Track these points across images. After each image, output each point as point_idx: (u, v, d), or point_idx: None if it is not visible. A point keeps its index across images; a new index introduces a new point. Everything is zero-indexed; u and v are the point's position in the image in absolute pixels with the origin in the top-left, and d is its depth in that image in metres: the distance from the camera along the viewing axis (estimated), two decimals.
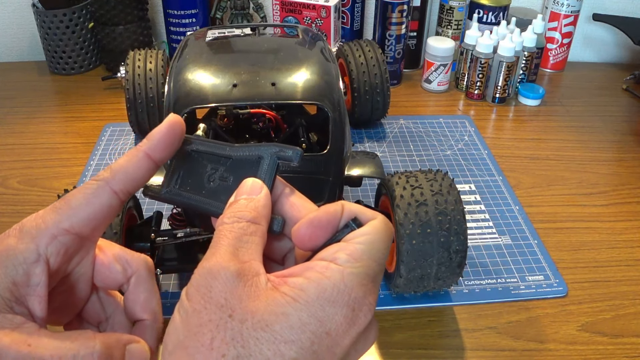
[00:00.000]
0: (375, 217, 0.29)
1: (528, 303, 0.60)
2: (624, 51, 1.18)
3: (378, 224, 0.29)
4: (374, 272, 0.28)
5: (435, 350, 0.55)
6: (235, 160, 0.32)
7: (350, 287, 0.26)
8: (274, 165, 0.31)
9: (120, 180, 0.30)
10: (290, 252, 0.32)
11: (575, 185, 0.79)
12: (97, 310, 0.33)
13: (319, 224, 0.29)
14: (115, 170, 0.30)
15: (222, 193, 0.31)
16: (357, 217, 0.29)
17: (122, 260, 0.32)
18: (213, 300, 0.25)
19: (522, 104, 0.99)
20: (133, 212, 0.57)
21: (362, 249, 0.27)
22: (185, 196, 0.32)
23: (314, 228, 0.29)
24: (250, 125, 0.64)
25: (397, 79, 1.04)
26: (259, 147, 0.31)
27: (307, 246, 0.29)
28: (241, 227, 0.28)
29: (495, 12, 1.01)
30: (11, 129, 0.89)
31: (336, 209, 0.29)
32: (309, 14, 0.99)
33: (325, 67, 0.59)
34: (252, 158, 0.31)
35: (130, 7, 0.99)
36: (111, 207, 0.30)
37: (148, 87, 0.78)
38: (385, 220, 0.29)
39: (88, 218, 0.29)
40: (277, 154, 0.31)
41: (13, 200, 0.73)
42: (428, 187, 0.53)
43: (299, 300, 0.25)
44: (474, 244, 0.67)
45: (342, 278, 0.26)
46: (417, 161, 0.82)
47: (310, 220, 0.29)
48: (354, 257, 0.27)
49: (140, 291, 0.32)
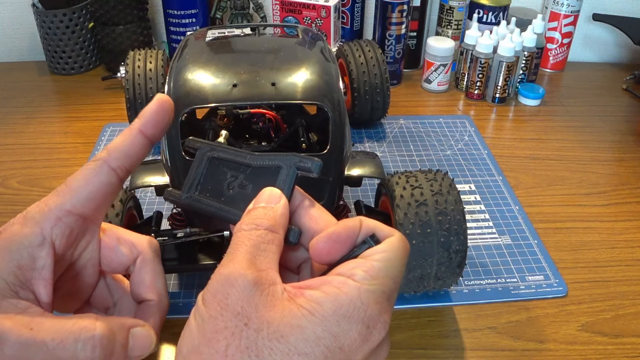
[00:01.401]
0: (392, 234, 0.30)
1: (528, 303, 0.60)
2: (624, 51, 1.18)
3: (395, 242, 0.29)
4: (390, 290, 0.28)
5: (435, 350, 0.55)
6: (255, 168, 0.32)
7: (366, 304, 0.26)
8: (293, 175, 0.31)
9: (117, 158, 0.30)
10: (305, 262, 0.32)
11: (575, 185, 0.79)
12: (104, 296, 0.34)
13: (338, 239, 0.29)
14: (111, 149, 0.30)
15: (241, 201, 0.32)
16: (375, 233, 0.30)
17: (127, 242, 0.33)
18: (229, 307, 0.25)
19: (522, 104, 0.99)
20: (133, 212, 0.57)
21: (379, 266, 0.28)
22: (204, 202, 0.33)
23: (333, 243, 0.29)
24: (250, 125, 0.64)
25: (397, 79, 1.04)
26: (279, 157, 0.31)
27: (324, 260, 0.29)
28: (259, 234, 0.28)
29: (495, 12, 1.01)
30: (11, 129, 0.89)
31: (355, 225, 0.30)
32: (309, 14, 0.99)
33: (325, 67, 0.59)
34: (272, 167, 0.32)
35: (130, 7, 0.99)
36: (111, 185, 0.30)
37: (148, 87, 0.78)
38: (402, 238, 0.30)
39: (89, 197, 0.30)
40: (296, 164, 0.31)
41: (13, 200, 0.74)
42: (428, 187, 0.53)
43: (315, 314, 0.26)
44: (474, 244, 0.67)
45: (358, 295, 0.26)
46: (417, 161, 0.82)
47: (329, 235, 0.29)
48: (371, 275, 0.27)
49: (146, 272, 0.33)
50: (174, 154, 0.53)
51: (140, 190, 0.72)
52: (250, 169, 0.32)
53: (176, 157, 0.53)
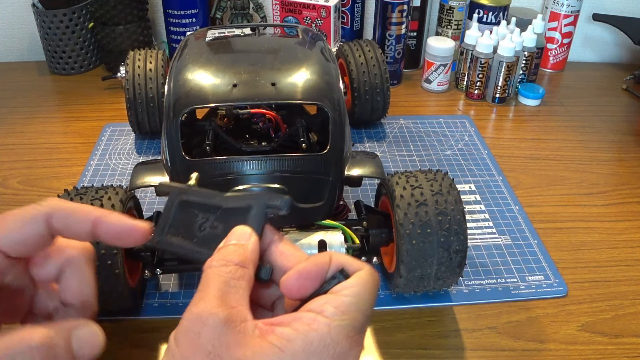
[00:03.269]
0: (361, 268, 0.30)
1: (528, 303, 0.60)
2: (624, 51, 1.18)
3: (365, 275, 0.30)
4: (360, 324, 0.28)
5: (435, 350, 0.55)
6: (225, 209, 0.33)
7: (336, 341, 0.27)
8: (263, 214, 0.32)
9: (58, 220, 0.31)
10: (279, 299, 0.33)
11: (575, 185, 0.79)
12: (45, 304, 0.34)
13: (308, 275, 0.30)
14: (55, 207, 0.31)
15: (212, 241, 0.32)
16: (345, 268, 0.31)
17: (58, 252, 0.33)
18: (201, 347, 0.26)
19: (522, 104, 0.99)
20: (133, 212, 0.57)
21: (349, 301, 0.28)
22: (176, 245, 0.33)
23: (303, 279, 0.30)
24: (250, 125, 0.64)
25: (397, 79, 1.04)
26: (249, 197, 0.33)
27: (295, 296, 0.30)
28: (229, 270, 0.29)
29: (495, 12, 1.01)
30: (11, 129, 0.89)
31: (324, 260, 0.31)
32: (309, 14, 0.99)
33: (325, 67, 0.59)
34: (242, 208, 0.33)
35: (130, 7, 0.99)
36: (42, 237, 0.31)
37: (148, 87, 0.78)
38: (371, 271, 0.30)
39: (18, 242, 0.30)
40: (266, 203, 0.32)
41: (13, 200, 0.73)
42: (428, 187, 0.53)
43: (285, 350, 0.26)
44: (474, 244, 0.67)
45: (328, 331, 0.27)
46: (417, 161, 0.82)
47: (299, 272, 0.30)
48: (341, 310, 0.28)
49: (74, 279, 0.33)
50: (174, 154, 0.53)
51: (140, 190, 0.72)
52: (220, 210, 0.33)
53: (176, 157, 0.53)
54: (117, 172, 0.78)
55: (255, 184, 0.51)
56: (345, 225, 0.55)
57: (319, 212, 0.53)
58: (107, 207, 0.50)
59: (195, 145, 0.61)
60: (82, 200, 0.51)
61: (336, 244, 0.52)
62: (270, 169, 0.51)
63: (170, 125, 0.54)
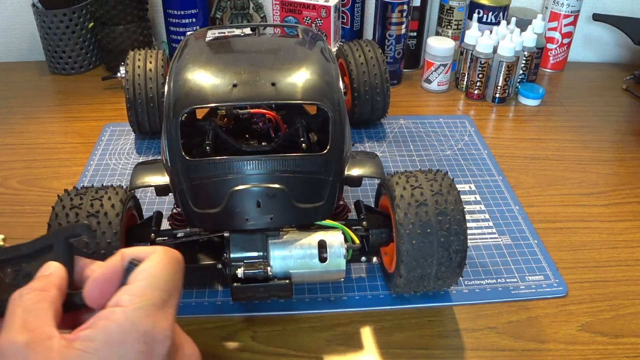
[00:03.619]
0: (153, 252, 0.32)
1: (528, 303, 0.60)
2: (624, 51, 1.18)
3: (156, 256, 0.31)
4: (161, 299, 0.29)
5: (435, 350, 0.55)
6: (32, 255, 0.34)
7: (136, 324, 0.28)
8: (67, 245, 0.34)
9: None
10: None
11: (575, 185, 0.79)
12: None
13: (104, 279, 0.31)
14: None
15: None
16: (136, 257, 0.32)
17: None
18: None
19: (522, 104, 0.99)
20: (133, 212, 0.57)
21: (143, 284, 0.30)
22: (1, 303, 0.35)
23: (101, 284, 0.31)
24: (250, 125, 0.64)
25: (397, 79, 1.04)
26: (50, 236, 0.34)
27: (102, 303, 0.31)
28: (29, 297, 0.30)
29: (495, 12, 1.01)
30: (11, 129, 0.89)
31: (115, 260, 0.32)
32: (309, 14, 0.99)
33: (325, 67, 0.59)
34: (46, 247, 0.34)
35: (130, 7, 0.99)
36: None
37: (148, 87, 0.78)
38: (163, 250, 0.32)
39: None
40: (65, 235, 0.34)
41: (13, 200, 0.73)
42: (428, 187, 0.53)
43: (87, 350, 0.27)
44: (474, 244, 0.67)
45: (125, 317, 0.28)
46: (417, 161, 0.82)
47: (94, 280, 0.31)
48: (136, 294, 0.29)
49: None
50: (174, 154, 0.53)
51: (140, 190, 0.72)
52: (29, 257, 0.34)
53: (176, 157, 0.53)
54: (117, 172, 0.78)
55: (255, 184, 0.51)
56: (345, 225, 0.55)
57: (319, 212, 0.53)
58: (107, 207, 0.50)
59: (195, 145, 0.61)
60: (82, 200, 0.51)
61: (336, 244, 0.52)
62: (270, 168, 0.51)
63: (170, 125, 0.54)
